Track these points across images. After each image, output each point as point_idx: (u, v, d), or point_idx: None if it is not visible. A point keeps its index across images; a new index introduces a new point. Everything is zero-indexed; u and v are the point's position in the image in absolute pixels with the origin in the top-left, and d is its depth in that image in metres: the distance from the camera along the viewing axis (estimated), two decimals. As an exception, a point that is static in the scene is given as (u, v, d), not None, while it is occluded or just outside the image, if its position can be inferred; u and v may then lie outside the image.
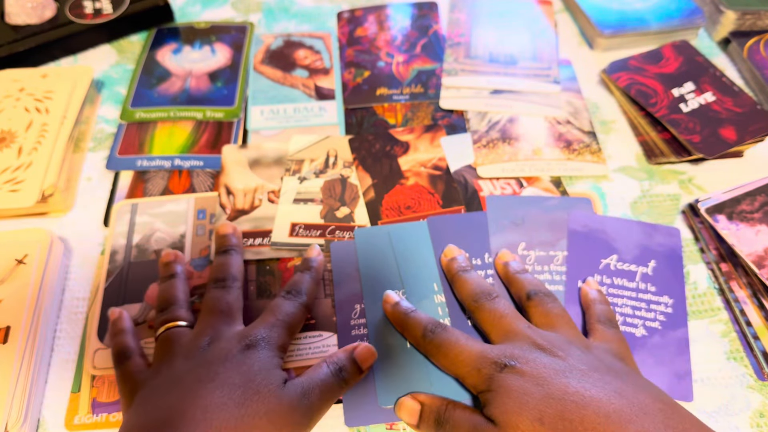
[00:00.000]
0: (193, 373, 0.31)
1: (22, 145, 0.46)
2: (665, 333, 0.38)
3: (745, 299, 0.40)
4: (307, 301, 0.37)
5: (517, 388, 0.30)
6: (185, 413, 0.29)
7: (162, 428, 0.29)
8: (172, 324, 0.35)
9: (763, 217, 0.42)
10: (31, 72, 0.52)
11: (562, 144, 0.49)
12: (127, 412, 0.32)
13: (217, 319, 0.35)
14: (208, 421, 0.29)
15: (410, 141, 0.49)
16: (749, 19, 0.56)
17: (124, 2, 0.58)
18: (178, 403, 0.30)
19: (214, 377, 0.31)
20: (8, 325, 0.37)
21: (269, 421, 0.29)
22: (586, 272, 0.40)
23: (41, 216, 0.46)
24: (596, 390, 0.29)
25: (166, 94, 0.53)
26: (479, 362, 0.32)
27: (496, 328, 0.34)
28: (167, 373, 0.32)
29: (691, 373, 0.37)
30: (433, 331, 0.35)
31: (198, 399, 0.29)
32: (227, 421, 0.29)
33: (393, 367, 0.36)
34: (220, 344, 0.33)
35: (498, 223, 0.43)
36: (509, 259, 0.40)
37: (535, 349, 0.32)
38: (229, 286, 0.37)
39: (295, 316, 0.36)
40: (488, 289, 0.37)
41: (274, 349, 0.33)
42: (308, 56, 0.57)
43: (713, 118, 0.48)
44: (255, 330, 0.34)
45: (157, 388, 0.32)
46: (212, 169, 0.48)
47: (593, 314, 0.37)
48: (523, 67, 0.54)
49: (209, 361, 0.32)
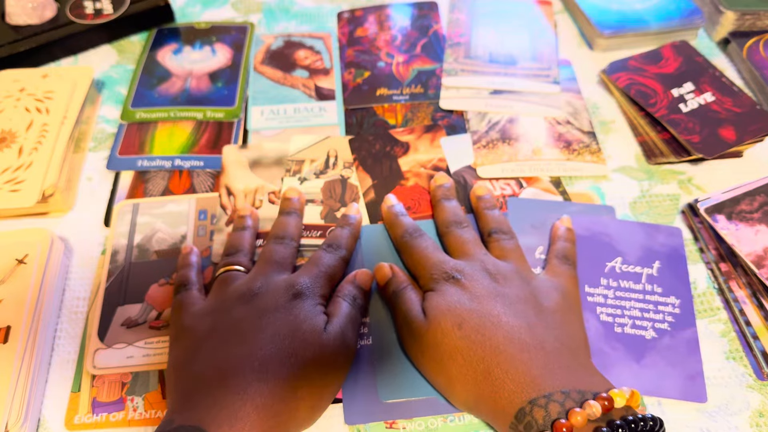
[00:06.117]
0: (247, 321, 0.33)
1: (23, 145, 0.46)
2: (675, 334, 0.38)
3: (744, 299, 0.40)
4: (346, 255, 0.40)
5: (452, 295, 0.34)
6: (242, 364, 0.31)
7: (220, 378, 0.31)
8: (231, 267, 0.38)
9: (762, 217, 0.42)
10: (32, 72, 0.52)
11: (562, 144, 0.49)
12: (176, 344, 0.35)
13: (271, 268, 0.37)
14: (263, 372, 0.31)
15: (410, 141, 0.49)
16: (749, 20, 0.56)
17: (124, 2, 0.59)
18: (234, 349, 0.32)
19: (265, 327, 0.33)
20: (8, 324, 0.37)
21: (315, 368, 0.32)
22: (591, 276, 0.40)
23: (42, 216, 0.46)
24: (514, 319, 0.33)
25: (167, 94, 0.53)
26: (434, 269, 0.37)
27: (458, 251, 0.39)
28: (221, 314, 0.35)
29: (702, 373, 0.36)
30: (411, 234, 0.40)
31: (254, 349, 0.32)
32: (280, 372, 0.31)
33: (394, 362, 0.37)
34: (270, 292, 0.35)
35: (518, 225, 0.43)
36: (483, 194, 0.44)
37: (482, 272, 0.36)
38: (287, 243, 0.40)
39: (335, 268, 0.38)
40: (461, 219, 0.41)
41: (316, 297, 0.36)
42: (308, 56, 0.57)
43: (713, 118, 0.48)
44: (300, 278, 0.36)
45: (211, 330, 0.34)
46: (212, 169, 0.48)
47: (553, 249, 0.41)
48: (523, 68, 0.54)
49: (261, 309, 0.34)
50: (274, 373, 0.31)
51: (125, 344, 0.38)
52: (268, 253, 0.39)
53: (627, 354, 0.37)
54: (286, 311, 0.34)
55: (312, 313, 0.34)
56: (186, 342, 0.34)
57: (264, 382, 0.30)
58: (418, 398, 0.36)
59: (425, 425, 0.35)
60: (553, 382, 0.29)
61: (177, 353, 0.34)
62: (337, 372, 0.34)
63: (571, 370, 0.30)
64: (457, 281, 0.35)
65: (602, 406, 0.27)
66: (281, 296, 0.35)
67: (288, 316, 0.34)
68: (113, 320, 0.39)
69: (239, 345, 0.32)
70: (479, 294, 0.34)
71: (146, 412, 0.36)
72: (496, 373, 0.31)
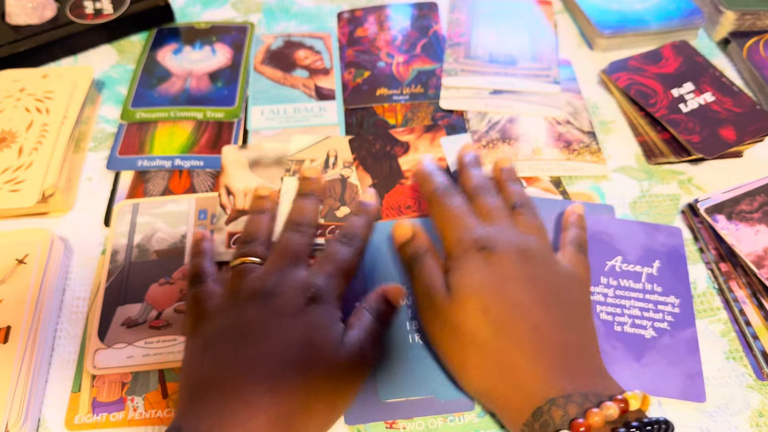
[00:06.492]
0: (259, 323, 0.32)
1: (23, 145, 0.46)
2: (674, 333, 0.38)
3: (744, 299, 0.40)
4: (362, 245, 0.38)
5: (480, 272, 0.33)
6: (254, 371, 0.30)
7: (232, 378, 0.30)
8: (246, 259, 0.36)
9: (762, 217, 0.42)
10: (32, 72, 0.52)
11: (562, 144, 0.49)
12: (191, 340, 0.34)
13: (286, 261, 0.36)
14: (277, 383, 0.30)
15: (410, 141, 0.49)
16: (749, 20, 0.56)
17: (124, 2, 0.59)
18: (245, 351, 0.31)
19: (279, 332, 0.31)
20: (8, 325, 0.37)
21: (330, 381, 0.31)
22: (592, 275, 0.40)
23: (42, 216, 0.46)
24: (539, 311, 0.32)
25: (167, 94, 0.53)
26: (465, 233, 0.35)
27: (487, 216, 0.37)
28: (234, 311, 0.33)
29: (702, 373, 0.37)
30: (444, 191, 0.38)
31: (267, 356, 0.30)
32: (294, 384, 0.30)
33: (395, 361, 0.37)
34: (286, 293, 0.33)
35: None
36: (506, 166, 0.42)
37: (512, 247, 0.35)
38: (303, 231, 0.38)
39: (352, 263, 0.37)
40: (489, 185, 0.40)
41: (334, 301, 0.34)
42: (308, 56, 0.57)
43: (713, 118, 0.48)
44: (316, 279, 0.34)
45: (226, 329, 0.32)
46: (212, 169, 0.48)
47: (567, 236, 0.39)
48: (523, 68, 0.54)
49: (275, 311, 0.32)
50: (289, 384, 0.30)
51: (125, 344, 0.38)
52: (283, 242, 0.37)
53: (627, 353, 0.37)
54: (301, 317, 0.32)
55: (329, 321, 0.33)
56: (198, 340, 0.33)
57: (278, 393, 0.29)
58: (418, 398, 0.36)
59: (425, 425, 0.35)
60: (573, 383, 0.29)
61: (191, 350, 0.33)
62: (352, 385, 0.33)
63: (588, 372, 0.30)
64: (487, 253, 0.34)
65: (619, 408, 0.27)
66: (297, 299, 0.33)
67: (304, 324, 0.32)
68: (113, 320, 0.39)
69: (250, 347, 0.31)
70: (507, 275, 0.33)
71: (146, 412, 0.36)
72: (517, 369, 0.30)
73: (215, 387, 0.30)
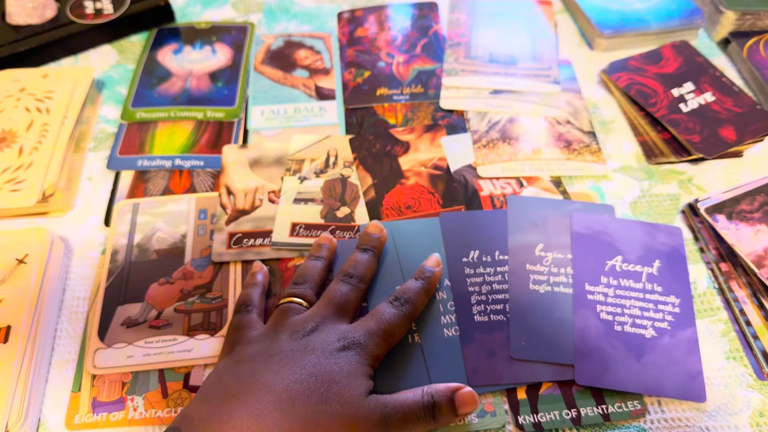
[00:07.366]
0: (290, 354, 0.33)
1: (23, 145, 0.46)
2: (674, 333, 0.38)
3: (744, 299, 0.40)
4: (413, 312, 0.37)
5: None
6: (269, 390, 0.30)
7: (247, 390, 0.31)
8: (293, 300, 0.37)
9: (762, 216, 0.42)
10: (32, 72, 0.52)
11: (562, 144, 0.49)
12: (224, 359, 0.34)
13: (331, 310, 0.36)
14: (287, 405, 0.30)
15: (410, 141, 0.49)
16: (749, 20, 0.56)
17: (124, 2, 0.59)
18: (269, 374, 0.31)
19: (306, 365, 0.32)
20: (8, 324, 0.37)
21: (341, 425, 0.30)
22: (592, 274, 0.40)
23: (42, 216, 0.46)
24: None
25: (167, 94, 0.53)
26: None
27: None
28: (270, 343, 0.34)
29: (702, 372, 0.36)
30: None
31: (287, 380, 0.31)
32: (305, 413, 0.30)
33: (392, 361, 0.37)
34: (322, 335, 0.34)
35: (517, 222, 0.43)
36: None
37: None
38: (355, 285, 0.38)
39: (397, 327, 0.35)
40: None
41: (366, 357, 0.33)
42: (309, 56, 0.57)
43: (713, 118, 0.48)
44: (355, 332, 0.34)
45: (257, 354, 0.33)
46: (213, 169, 0.48)
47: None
48: (523, 68, 0.54)
49: (307, 347, 0.33)
50: (298, 411, 0.30)
51: (125, 344, 0.38)
52: (333, 291, 0.37)
53: (627, 352, 0.37)
54: (331, 357, 0.32)
55: (357, 371, 0.32)
56: (229, 360, 0.34)
57: (286, 414, 0.29)
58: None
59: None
60: None
61: (219, 367, 0.34)
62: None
63: None
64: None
65: None
66: (331, 343, 0.33)
67: (332, 363, 0.32)
68: (113, 320, 0.39)
69: (274, 373, 0.31)
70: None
71: (146, 411, 0.36)
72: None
73: (227, 395, 0.31)
